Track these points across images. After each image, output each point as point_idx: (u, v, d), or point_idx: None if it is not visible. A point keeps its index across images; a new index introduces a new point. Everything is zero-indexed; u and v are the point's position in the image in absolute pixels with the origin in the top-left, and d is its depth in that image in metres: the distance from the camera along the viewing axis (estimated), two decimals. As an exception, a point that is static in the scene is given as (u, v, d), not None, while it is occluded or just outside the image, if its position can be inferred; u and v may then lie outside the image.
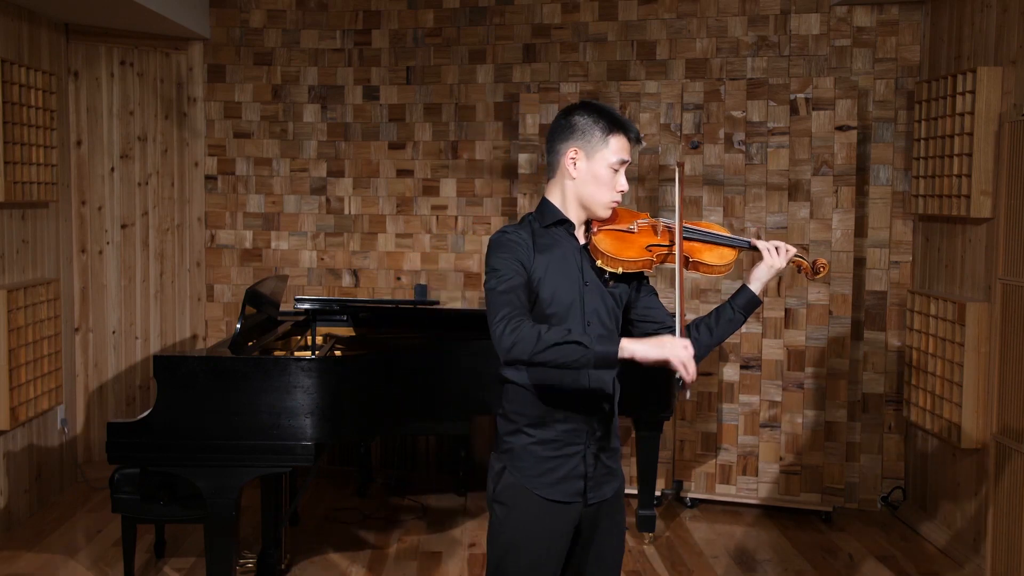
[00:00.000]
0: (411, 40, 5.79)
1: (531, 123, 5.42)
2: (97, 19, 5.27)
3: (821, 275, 2.51)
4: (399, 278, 5.86)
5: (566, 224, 2.43)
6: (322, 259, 5.91)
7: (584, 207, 2.43)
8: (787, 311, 5.16)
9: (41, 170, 4.89)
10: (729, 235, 2.50)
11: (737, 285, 2.65)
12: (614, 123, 2.38)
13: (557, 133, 2.43)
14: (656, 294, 2.57)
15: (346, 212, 5.89)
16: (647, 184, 5.28)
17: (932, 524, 4.87)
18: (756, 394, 5.21)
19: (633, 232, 2.45)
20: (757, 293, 2.44)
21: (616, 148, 2.37)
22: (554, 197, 2.45)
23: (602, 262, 2.39)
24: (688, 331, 2.43)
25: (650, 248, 2.42)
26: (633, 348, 2.17)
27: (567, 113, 2.43)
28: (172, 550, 4.52)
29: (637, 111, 5.28)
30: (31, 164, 4.78)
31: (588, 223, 2.46)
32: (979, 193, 4.33)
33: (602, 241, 2.40)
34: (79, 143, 5.53)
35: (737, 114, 5.17)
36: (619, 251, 2.39)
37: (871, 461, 5.31)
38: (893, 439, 5.29)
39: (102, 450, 5.48)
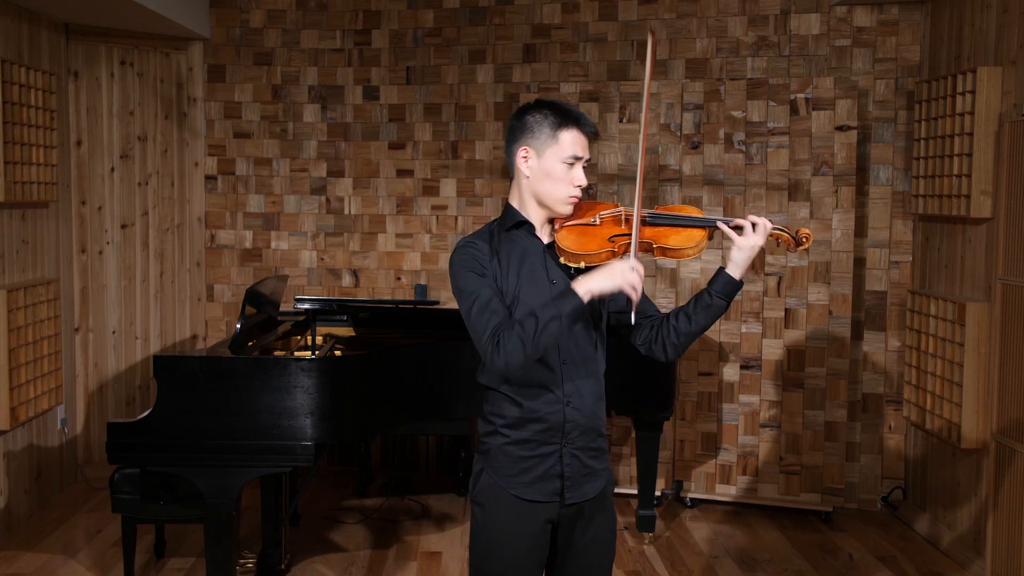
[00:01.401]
0: (411, 40, 5.79)
1: (531, 123, 5.41)
2: (97, 19, 5.27)
3: (805, 246, 2.37)
4: (399, 278, 5.86)
5: (525, 225, 2.39)
6: (322, 259, 5.91)
7: (543, 205, 2.38)
8: (787, 311, 5.15)
9: (41, 170, 4.89)
10: (699, 216, 2.39)
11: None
12: (564, 118, 2.33)
13: (510, 134, 2.40)
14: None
15: (346, 212, 5.89)
16: (647, 184, 5.28)
17: (932, 524, 4.87)
18: (756, 394, 5.20)
19: (595, 224, 2.38)
20: (735, 275, 2.33)
21: (567, 143, 2.33)
22: (514, 200, 2.42)
23: (565, 259, 2.34)
24: (666, 321, 2.42)
25: (612, 239, 2.34)
26: (589, 286, 2.20)
27: (519, 113, 2.39)
28: (172, 550, 4.52)
29: (637, 111, 5.28)
30: (31, 164, 4.78)
31: (553, 221, 2.41)
32: (979, 193, 4.33)
33: (564, 238, 2.35)
34: (79, 143, 5.53)
35: (737, 114, 5.17)
36: (580, 246, 2.33)
37: (871, 461, 5.31)
38: (893, 439, 5.29)
39: (102, 450, 5.48)
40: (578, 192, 2.36)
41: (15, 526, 4.82)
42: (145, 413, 3.55)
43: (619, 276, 2.19)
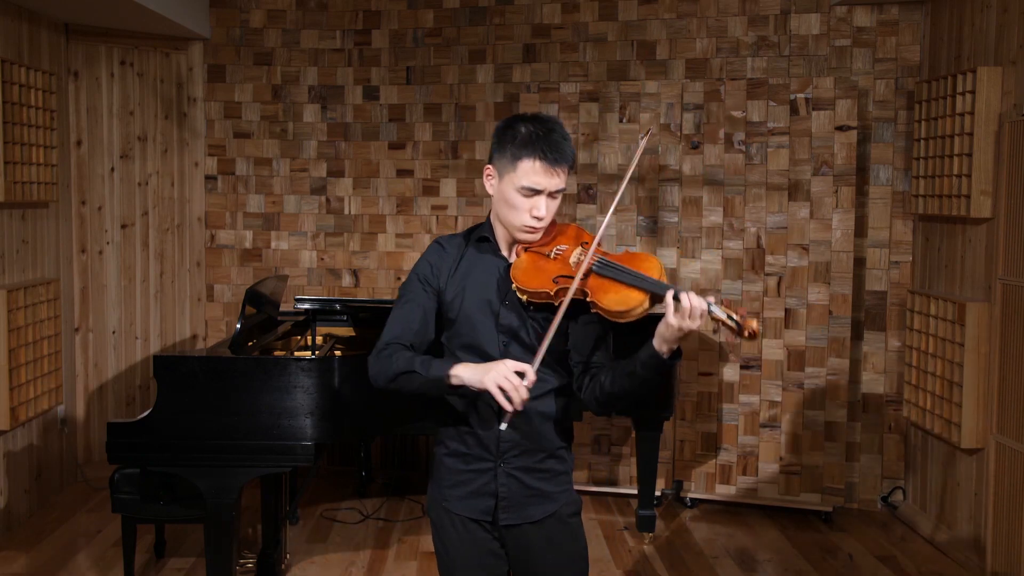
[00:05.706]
0: (411, 40, 5.79)
1: (531, 123, 5.41)
2: (97, 19, 5.27)
3: (748, 338, 2.03)
4: (399, 278, 5.86)
5: (488, 242, 2.31)
6: (322, 259, 5.91)
7: (504, 228, 2.28)
8: (787, 311, 5.15)
9: (41, 170, 4.89)
10: (650, 277, 2.11)
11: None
12: (527, 145, 2.16)
13: (492, 145, 2.29)
14: (596, 323, 2.27)
15: (346, 212, 5.89)
16: (647, 184, 5.28)
17: (932, 524, 4.87)
18: (756, 394, 5.20)
19: (549, 258, 2.22)
20: (660, 351, 2.09)
21: (525, 172, 2.16)
22: (491, 212, 2.34)
23: (514, 284, 2.21)
24: (599, 373, 2.24)
25: (556, 280, 2.17)
26: (461, 374, 2.11)
27: (499, 126, 2.26)
28: (172, 550, 4.52)
29: (637, 111, 5.28)
30: (31, 164, 4.78)
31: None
32: (979, 193, 4.33)
33: (517, 264, 2.24)
34: (79, 143, 5.53)
35: (737, 114, 5.17)
36: (526, 280, 2.19)
37: (871, 461, 5.31)
38: (893, 439, 5.29)
39: (102, 450, 5.48)
40: (535, 223, 2.20)
41: (15, 526, 4.82)
42: (145, 413, 3.55)
43: (489, 379, 2.05)
